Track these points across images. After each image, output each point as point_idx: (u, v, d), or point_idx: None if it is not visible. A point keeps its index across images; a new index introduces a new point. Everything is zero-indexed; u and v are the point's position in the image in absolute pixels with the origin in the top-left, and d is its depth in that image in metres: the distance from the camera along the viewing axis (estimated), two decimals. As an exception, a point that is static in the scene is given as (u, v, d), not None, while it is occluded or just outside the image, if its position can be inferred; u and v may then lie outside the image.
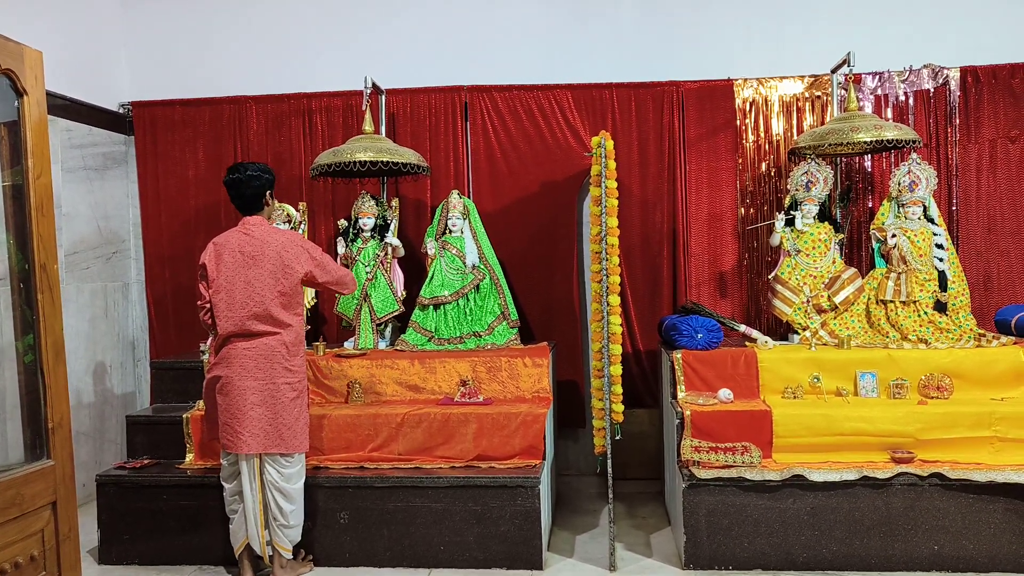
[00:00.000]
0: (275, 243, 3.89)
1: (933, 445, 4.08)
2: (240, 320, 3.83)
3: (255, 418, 3.82)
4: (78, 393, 5.47)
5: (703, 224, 5.67)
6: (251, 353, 3.84)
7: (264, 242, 3.89)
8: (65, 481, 2.69)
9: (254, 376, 3.83)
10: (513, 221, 5.76)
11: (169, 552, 4.33)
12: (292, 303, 3.92)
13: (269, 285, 3.84)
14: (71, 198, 5.51)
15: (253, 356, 3.84)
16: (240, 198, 3.98)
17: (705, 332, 4.66)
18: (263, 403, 3.83)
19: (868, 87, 5.50)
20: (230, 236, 3.96)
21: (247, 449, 3.83)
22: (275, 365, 3.86)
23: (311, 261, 3.95)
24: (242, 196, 3.97)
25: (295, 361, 3.93)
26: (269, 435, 3.84)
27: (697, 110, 5.65)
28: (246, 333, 3.84)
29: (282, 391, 3.86)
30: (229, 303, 3.84)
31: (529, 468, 4.25)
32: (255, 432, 3.82)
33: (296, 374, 3.93)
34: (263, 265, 3.85)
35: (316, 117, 5.90)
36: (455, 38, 5.91)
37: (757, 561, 4.05)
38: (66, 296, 5.36)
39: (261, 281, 3.84)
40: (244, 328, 3.83)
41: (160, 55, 6.13)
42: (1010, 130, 5.41)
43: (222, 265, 3.89)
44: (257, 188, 3.96)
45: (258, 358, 3.84)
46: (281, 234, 3.97)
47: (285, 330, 3.89)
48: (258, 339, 3.85)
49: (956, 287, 4.77)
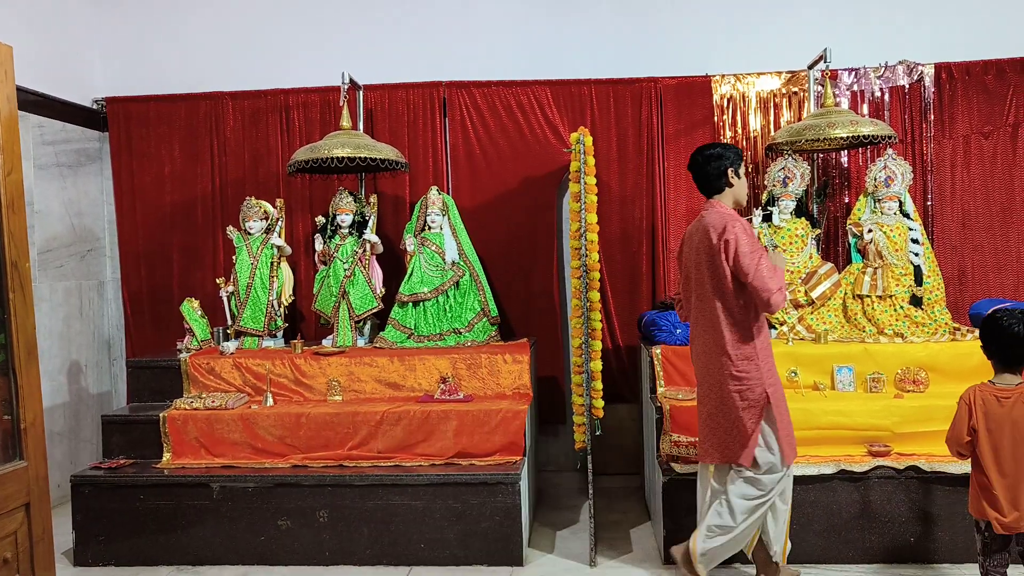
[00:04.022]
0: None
1: (909, 438, 4.12)
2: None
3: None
4: (52, 393, 5.40)
5: (682, 220, 5.69)
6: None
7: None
8: (38, 482, 2.65)
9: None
10: (492, 217, 5.75)
11: (146, 552, 4.29)
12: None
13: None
14: (44, 195, 5.44)
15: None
16: (705, 178, 3.68)
17: (684, 327, 4.68)
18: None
19: (844, 83, 5.54)
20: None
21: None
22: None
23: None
24: (706, 176, 3.66)
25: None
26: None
27: (675, 106, 5.67)
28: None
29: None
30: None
31: (509, 465, 4.25)
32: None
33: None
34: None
35: (293, 113, 5.86)
36: (433, 33, 5.89)
37: (736, 556, 4.06)
38: (39, 295, 5.30)
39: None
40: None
41: (135, 50, 6.06)
42: (983, 126, 5.47)
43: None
44: (716, 168, 3.63)
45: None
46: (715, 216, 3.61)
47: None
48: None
49: (931, 281, 4.81)
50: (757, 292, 3.38)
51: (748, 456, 3.48)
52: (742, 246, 3.40)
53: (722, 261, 3.45)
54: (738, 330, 3.49)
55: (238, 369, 4.83)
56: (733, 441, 3.51)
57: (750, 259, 3.39)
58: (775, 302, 3.39)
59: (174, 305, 5.66)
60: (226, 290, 5.27)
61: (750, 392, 3.47)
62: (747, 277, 3.38)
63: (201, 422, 4.49)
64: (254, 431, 4.45)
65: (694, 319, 3.65)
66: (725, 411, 3.52)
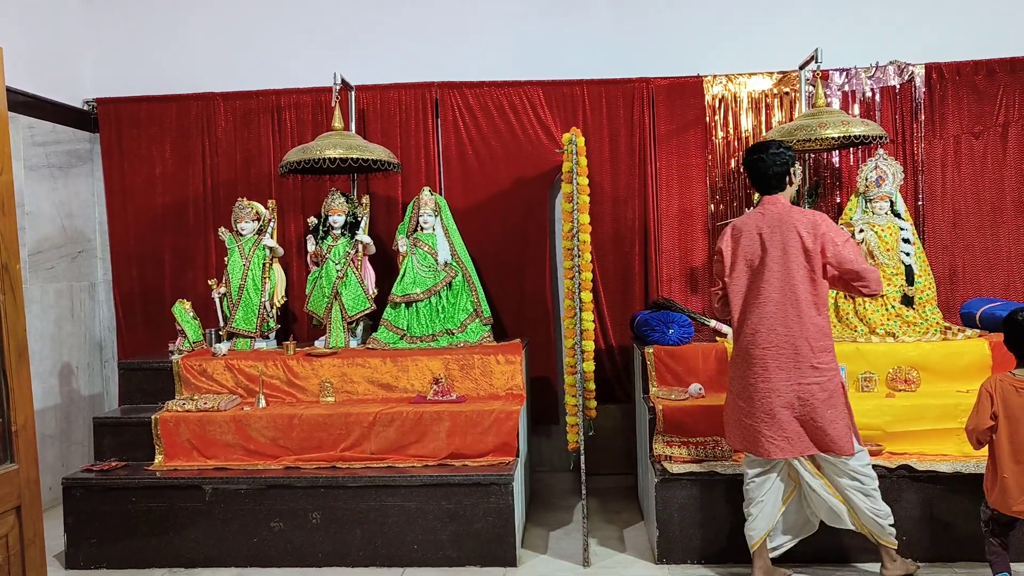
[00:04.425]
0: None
1: (901, 437, 4.15)
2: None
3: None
4: (43, 395, 5.38)
5: (674, 220, 5.70)
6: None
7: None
8: (29, 485, 2.64)
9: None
10: (485, 218, 5.75)
11: (138, 555, 4.27)
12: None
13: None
14: (34, 196, 5.41)
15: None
16: (767, 174, 3.73)
17: (676, 328, 4.69)
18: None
19: (835, 83, 5.55)
20: (747, 218, 3.75)
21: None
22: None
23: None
24: (770, 173, 3.72)
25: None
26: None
27: (667, 106, 5.68)
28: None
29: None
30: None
31: (502, 465, 4.25)
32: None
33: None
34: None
35: (285, 114, 5.85)
36: (426, 34, 5.88)
37: (730, 555, 4.08)
38: (30, 296, 5.27)
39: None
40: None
41: (126, 50, 6.03)
42: (974, 126, 5.49)
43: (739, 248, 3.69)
44: (783, 165, 3.71)
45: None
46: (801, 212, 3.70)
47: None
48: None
49: (922, 281, 4.83)
50: (863, 277, 3.52)
51: (850, 442, 3.59)
52: (839, 236, 3.55)
53: (816, 255, 3.53)
54: (820, 323, 3.59)
55: (230, 371, 4.82)
56: (826, 430, 3.57)
57: (852, 249, 3.56)
58: (878, 286, 3.56)
59: (166, 307, 5.64)
60: (218, 291, 5.26)
61: (829, 383, 3.57)
62: (852, 264, 3.51)
63: (193, 424, 4.48)
64: (246, 433, 4.44)
65: (766, 313, 3.61)
66: (803, 403, 3.57)
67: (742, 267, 3.69)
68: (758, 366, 3.62)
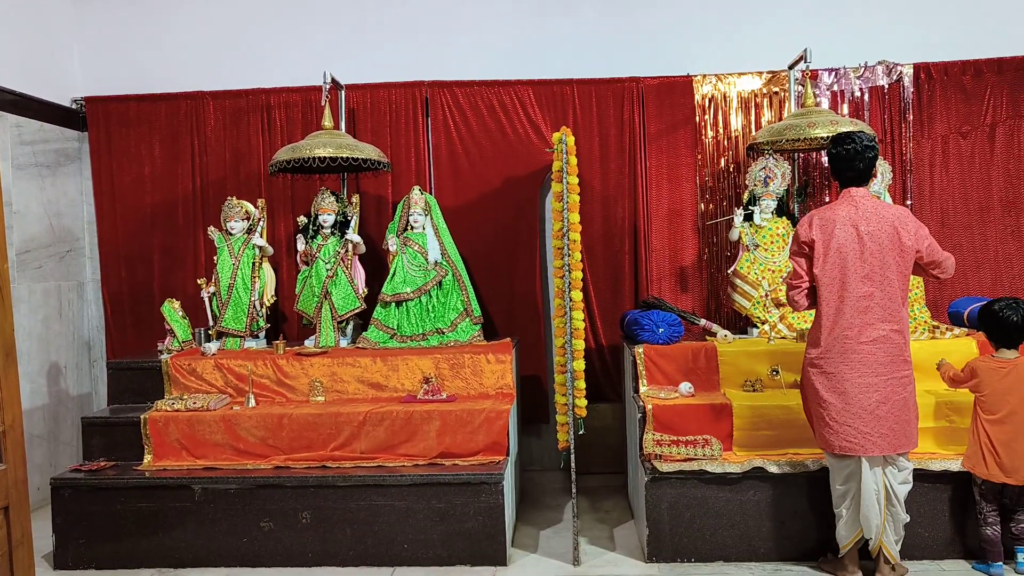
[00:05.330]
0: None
1: (889, 435, 4.15)
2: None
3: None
4: (31, 395, 5.35)
5: (663, 219, 5.71)
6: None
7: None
8: (17, 485, 2.63)
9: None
10: (475, 217, 5.75)
11: (127, 555, 4.26)
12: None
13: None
14: (22, 195, 5.38)
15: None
16: (859, 167, 3.69)
17: (666, 327, 4.70)
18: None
19: (824, 83, 5.57)
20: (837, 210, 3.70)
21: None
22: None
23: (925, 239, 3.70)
24: (862, 166, 3.69)
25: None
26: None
27: (657, 106, 5.69)
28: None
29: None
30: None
31: (493, 465, 4.25)
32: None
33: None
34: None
35: (275, 113, 5.84)
36: (416, 33, 5.88)
37: (719, 553, 4.10)
38: (18, 296, 5.25)
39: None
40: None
41: (114, 49, 6.01)
42: (961, 126, 5.52)
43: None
44: (871, 159, 3.70)
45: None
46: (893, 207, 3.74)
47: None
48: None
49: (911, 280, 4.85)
50: (940, 264, 3.72)
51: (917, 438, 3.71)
52: (926, 230, 3.70)
53: (912, 251, 3.63)
54: (907, 317, 3.68)
55: (220, 370, 4.81)
56: (909, 426, 3.63)
57: (938, 245, 3.71)
58: (952, 271, 3.80)
59: (155, 306, 5.63)
60: (207, 291, 5.24)
61: (911, 377, 3.68)
62: (938, 254, 3.69)
63: (182, 423, 4.46)
64: (236, 432, 4.43)
65: (867, 307, 3.60)
66: (896, 398, 3.60)
67: (835, 259, 3.65)
68: (856, 361, 3.61)
